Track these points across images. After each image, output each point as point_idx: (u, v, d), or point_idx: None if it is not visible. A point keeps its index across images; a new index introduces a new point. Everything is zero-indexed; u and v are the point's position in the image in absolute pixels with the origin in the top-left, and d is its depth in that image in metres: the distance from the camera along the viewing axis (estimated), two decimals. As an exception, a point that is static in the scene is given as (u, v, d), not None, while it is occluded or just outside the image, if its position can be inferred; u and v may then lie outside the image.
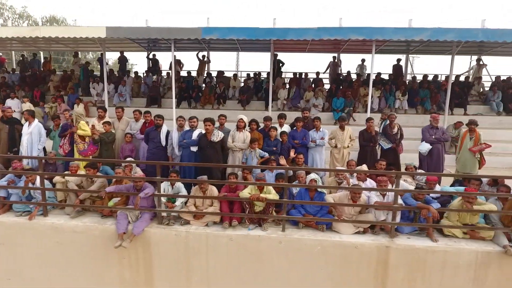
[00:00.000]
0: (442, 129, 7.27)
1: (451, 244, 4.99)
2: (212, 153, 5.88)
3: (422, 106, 12.91)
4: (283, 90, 13.42)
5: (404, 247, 4.97)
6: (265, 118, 7.22)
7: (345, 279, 5.11)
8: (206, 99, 13.54)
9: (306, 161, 7.23)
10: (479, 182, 5.62)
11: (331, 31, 9.72)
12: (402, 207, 5.14)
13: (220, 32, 9.91)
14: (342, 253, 5.05)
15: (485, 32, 9.41)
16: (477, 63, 14.91)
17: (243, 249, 5.18)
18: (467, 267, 4.90)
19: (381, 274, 5.04)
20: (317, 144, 7.11)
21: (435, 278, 4.98)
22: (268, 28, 9.84)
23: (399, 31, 9.54)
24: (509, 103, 12.74)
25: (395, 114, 7.77)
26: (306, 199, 5.53)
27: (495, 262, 4.87)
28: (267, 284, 5.23)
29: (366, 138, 7.43)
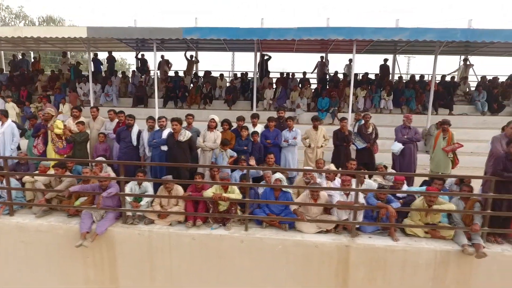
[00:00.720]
0: (414, 129, 7.29)
1: (411, 244, 5.01)
2: (179, 152, 5.90)
3: (407, 106, 12.92)
4: (269, 90, 13.43)
5: (364, 246, 4.99)
6: (238, 118, 7.24)
7: (306, 278, 5.13)
8: (193, 99, 13.56)
9: (278, 160, 7.27)
10: (441, 181, 5.64)
11: (311, 31, 9.76)
12: (363, 206, 5.16)
13: (201, 32, 9.96)
14: (303, 252, 5.08)
15: (464, 32, 9.43)
16: (464, 63, 14.94)
17: (206, 248, 5.21)
18: (427, 266, 4.92)
19: (342, 273, 5.07)
20: (289, 143, 7.13)
21: (395, 277, 5.00)
22: (248, 28, 9.86)
23: (379, 31, 9.57)
24: (494, 103, 12.75)
25: (369, 114, 7.79)
26: (271, 198, 5.56)
27: (454, 261, 4.89)
28: (230, 282, 5.26)
29: (340, 138, 7.46)
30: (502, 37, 9.40)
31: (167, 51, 16.38)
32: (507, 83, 14.04)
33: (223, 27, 9.97)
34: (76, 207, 5.58)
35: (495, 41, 9.48)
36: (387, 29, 9.61)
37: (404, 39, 9.60)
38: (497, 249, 4.90)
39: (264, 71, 14.80)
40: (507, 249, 4.92)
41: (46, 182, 5.94)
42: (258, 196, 5.80)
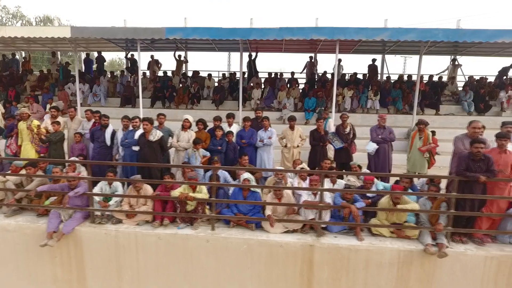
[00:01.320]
0: (389, 129, 7.30)
1: (374, 243, 5.02)
2: (149, 152, 5.91)
3: (394, 106, 12.93)
4: (256, 90, 13.45)
5: (327, 246, 5.01)
6: (214, 118, 7.26)
7: (271, 277, 5.15)
8: (180, 99, 13.57)
9: (254, 160, 7.29)
10: (409, 180, 5.65)
11: (294, 31, 9.75)
12: (327, 206, 5.17)
13: (184, 32, 9.96)
14: (268, 252, 5.09)
15: (446, 32, 9.43)
16: (453, 63, 14.95)
17: (172, 248, 5.22)
18: (390, 266, 4.93)
19: (307, 273, 5.08)
20: (264, 143, 7.15)
21: (359, 276, 5.01)
22: (231, 28, 9.85)
23: (361, 31, 9.56)
24: (481, 103, 12.76)
25: (347, 114, 7.80)
26: (240, 198, 5.57)
27: (417, 261, 4.90)
28: (196, 282, 5.28)
29: (316, 138, 7.48)
30: (483, 37, 9.40)
31: (156, 51, 16.42)
32: (495, 83, 14.06)
33: (206, 27, 9.97)
34: (45, 207, 5.60)
35: (476, 41, 9.49)
36: (368, 29, 9.60)
37: (386, 39, 9.59)
38: (460, 249, 4.91)
39: (253, 71, 14.84)
40: (470, 248, 4.92)
41: (17, 182, 5.96)
42: (227, 196, 5.82)
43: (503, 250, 4.89)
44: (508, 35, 9.22)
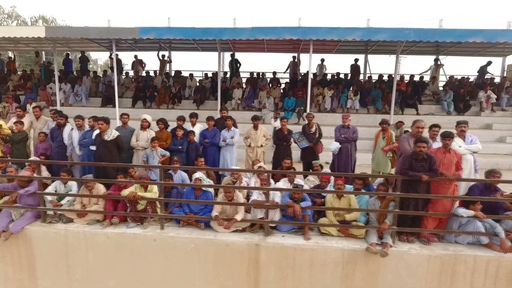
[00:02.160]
0: (353, 129, 7.30)
1: (320, 243, 5.03)
2: (104, 151, 5.93)
3: (374, 106, 12.94)
4: (237, 90, 13.48)
5: (273, 245, 5.01)
6: (177, 117, 7.28)
7: (219, 276, 5.16)
8: (161, 99, 13.59)
9: (217, 160, 7.31)
10: (362, 181, 5.65)
11: (266, 31, 9.79)
12: (273, 205, 5.19)
13: (157, 32, 10.00)
14: (214, 251, 5.10)
15: (416, 32, 9.45)
16: (435, 63, 14.95)
17: (121, 247, 5.23)
18: (335, 265, 4.94)
19: (254, 272, 5.09)
20: (226, 143, 7.16)
21: (304, 275, 5.02)
22: (204, 28, 9.88)
23: (333, 31, 9.59)
24: (460, 103, 12.75)
25: (312, 114, 7.80)
26: (191, 198, 5.58)
27: (361, 260, 4.90)
28: (145, 280, 5.28)
29: (280, 137, 7.50)
30: (454, 37, 9.43)
31: (140, 51, 16.45)
32: (476, 83, 14.06)
33: (179, 27, 10.01)
34: (-3, 206, 5.61)
35: (447, 40, 9.50)
36: (340, 28, 9.62)
37: (357, 39, 9.60)
38: (405, 248, 4.92)
39: (234, 70, 14.87)
40: (414, 248, 4.93)
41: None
42: (181, 195, 5.83)
43: (447, 249, 4.89)
44: (478, 35, 9.25)
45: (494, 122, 11.96)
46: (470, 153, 5.90)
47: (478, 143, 5.95)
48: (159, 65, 15.69)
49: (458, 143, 6.01)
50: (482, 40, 9.33)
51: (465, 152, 5.90)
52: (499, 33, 9.28)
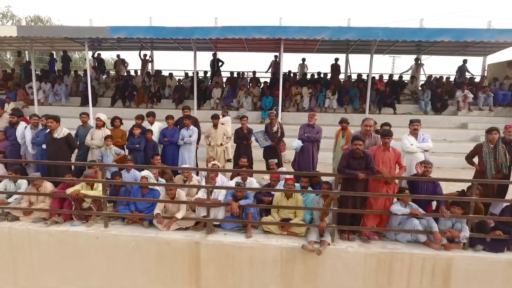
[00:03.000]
0: (317, 129, 7.28)
1: (260, 241, 5.04)
2: (54, 149, 5.95)
3: (352, 105, 12.94)
4: (216, 90, 13.50)
5: (213, 243, 5.03)
6: (136, 116, 7.30)
7: (160, 274, 5.17)
8: (140, 98, 13.60)
9: (176, 158, 7.32)
10: (307, 179, 5.65)
11: (235, 30, 9.79)
12: (214, 203, 5.20)
13: (127, 31, 10.00)
14: (156, 249, 5.12)
15: (385, 31, 9.46)
16: (416, 62, 14.95)
17: (64, 245, 5.25)
18: (274, 263, 4.95)
19: (195, 270, 5.10)
20: (185, 142, 7.18)
21: (244, 274, 5.03)
22: (173, 27, 9.90)
23: (302, 30, 9.60)
24: (438, 102, 12.75)
25: (274, 113, 7.82)
26: (138, 196, 5.59)
27: (300, 258, 4.91)
28: (88, 278, 5.30)
29: (240, 136, 7.51)
30: (422, 36, 9.45)
31: (122, 50, 16.48)
32: (457, 82, 14.05)
33: (149, 27, 10.07)
34: None
35: (416, 40, 9.51)
36: (309, 28, 9.63)
37: (326, 38, 9.60)
38: (342, 246, 4.92)
39: (216, 70, 14.88)
40: (352, 246, 4.94)
41: None
42: (129, 193, 5.84)
43: (385, 247, 4.90)
44: (446, 34, 9.25)
45: (470, 122, 11.97)
46: (421, 151, 5.92)
47: (429, 142, 5.97)
48: (140, 64, 15.74)
49: (410, 141, 6.05)
50: (450, 39, 9.34)
51: (416, 150, 5.93)
52: (466, 32, 9.28)
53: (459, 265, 4.72)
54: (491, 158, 5.50)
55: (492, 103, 12.64)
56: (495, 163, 5.48)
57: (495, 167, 5.48)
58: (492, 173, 5.47)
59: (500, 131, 5.58)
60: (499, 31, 9.19)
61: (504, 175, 5.50)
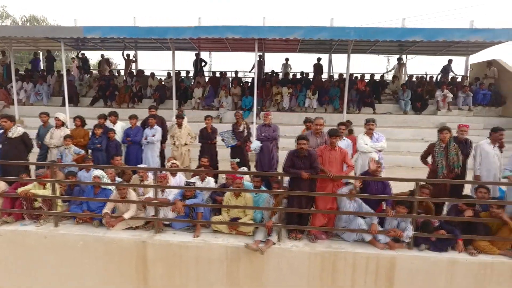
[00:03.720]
0: (273, 127, 7.29)
1: (206, 240, 5.04)
2: (10, 149, 5.96)
3: (332, 105, 12.93)
4: (198, 89, 13.51)
5: (159, 242, 5.03)
6: (98, 116, 7.30)
7: (109, 274, 5.18)
8: (121, 98, 13.62)
9: (140, 157, 7.32)
10: (259, 179, 5.65)
11: (209, 30, 9.80)
12: (164, 203, 5.20)
13: (102, 31, 10.00)
14: (104, 248, 5.12)
15: (357, 31, 9.45)
16: (398, 62, 14.95)
17: (13, 244, 5.26)
18: (220, 262, 4.95)
19: (142, 270, 5.10)
20: (147, 141, 7.18)
21: (191, 273, 5.03)
22: (147, 27, 9.91)
23: (274, 30, 9.61)
24: (418, 102, 12.75)
25: (240, 113, 7.83)
26: (91, 195, 5.60)
27: (245, 257, 4.91)
28: (38, 277, 5.30)
29: (204, 136, 7.52)
30: (395, 36, 9.44)
31: (106, 50, 16.50)
32: (440, 82, 14.05)
33: (123, 26, 10.04)
34: None
35: (387, 39, 9.51)
36: (282, 27, 9.63)
37: (298, 38, 9.60)
38: (287, 246, 4.92)
39: (199, 69, 14.89)
40: (297, 245, 4.93)
41: None
42: (82, 192, 5.85)
43: (330, 246, 4.90)
44: (418, 34, 9.26)
45: (448, 121, 11.92)
46: (375, 151, 5.92)
47: (383, 142, 5.97)
48: (124, 64, 15.75)
49: (365, 141, 6.05)
50: (422, 38, 9.35)
51: (370, 150, 5.93)
52: (437, 31, 9.27)
53: (402, 265, 4.71)
54: (442, 158, 5.49)
55: (471, 102, 12.63)
56: (446, 163, 5.47)
57: (447, 167, 5.47)
58: (443, 172, 5.45)
59: (451, 131, 5.57)
60: (471, 30, 9.19)
61: (456, 175, 5.49)
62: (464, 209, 4.85)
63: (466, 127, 6.03)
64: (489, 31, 9.19)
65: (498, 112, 12.81)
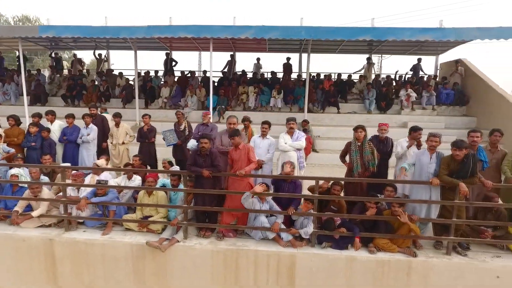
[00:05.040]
0: (211, 127, 7.30)
1: (113, 238, 5.07)
2: None
3: (297, 104, 12.95)
4: (165, 89, 13.55)
5: (66, 240, 5.05)
6: (32, 115, 7.33)
7: (20, 271, 5.20)
8: (88, 97, 13.65)
9: (76, 156, 7.35)
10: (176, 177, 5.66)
11: (162, 29, 9.84)
12: (72, 201, 5.23)
13: (56, 30, 10.04)
14: (14, 246, 5.14)
15: (308, 30, 9.48)
16: (367, 62, 14.96)
17: None
18: (125, 260, 4.97)
19: (51, 267, 5.13)
20: (82, 140, 7.21)
21: (98, 271, 5.06)
22: (101, 27, 9.96)
23: (226, 29, 9.62)
24: (382, 101, 12.76)
25: (180, 111, 7.86)
26: (9, 194, 5.63)
27: (150, 255, 4.93)
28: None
29: (142, 135, 7.54)
30: (344, 35, 9.47)
31: (78, 49, 16.56)
32: (409, 81, 14.07)
33: (77, 26, 10.07)
34: None
35: (338, 38, 9.52)
36: (234, 27, 9.66)
37: (250, 37, 9.61)
38: (191, 243, 4.93)
39: (168, 69, 14.93)
40: (201, 243, 4.94)
41: None
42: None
43: (234, 244, 4.91)
44: (367, 33, 9.27)
45: (410, 120, 11.95)
46: (294, 150, 5.93)
47: (302, 141, 5.97)
48: (96, 63, 15.82)
49: (285, 139, 6.06)
50: (372, 38, 9.37)
51: (288, 148, 5.94)
52: (386, 31, 9.32)
53: (302, 262, 4.72)
54: (357, 156, 5.50)
55: (434, 102, 12.65)
56: (361, 161, 5.49)
57: (362, 165, 5.49)
58: (358, 170, 5.47)
59: (366, 129, 5.58)
60: (420, 30, 9.18)
61: (372, 173, 5.50)
62: (368, 207, 4.86)
63: (385, 125, 6.05)
64: (438, 30, 9.21)
65: (463, 112, 12.84)
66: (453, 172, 4.51)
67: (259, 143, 6.03)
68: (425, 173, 4.73)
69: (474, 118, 12.15)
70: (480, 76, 12.44)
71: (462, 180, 4.44)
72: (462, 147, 4.44)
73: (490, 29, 8.96)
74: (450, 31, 9.07)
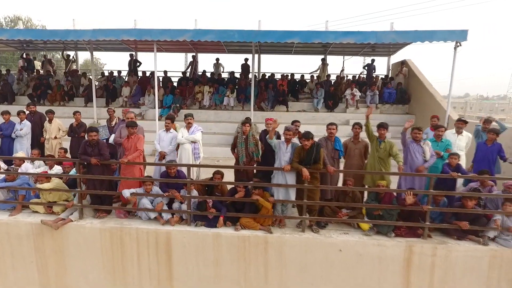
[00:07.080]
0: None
1: (18, 218, 5.74)
2: None
3: (248, 103, 13.60)
4: (126, 88, 14.23)
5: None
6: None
7: None
8: (53, 96, 14.35)
9: (11, 150, 8.04)
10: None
11: (106, 32, 10.45)
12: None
13: (9, 34, 10.83)
14: None
15: (240, 33, 10.12)
16: (322, 62, 15.61)
17: None
18: (28, 238, 5.64)
19: None
20: (16, 135, 7.90)
21: (5, 247, 5.72)
22: (51, 30, 10.64)
23: (165, 32, 10.26)
24: (330, 100, 13.42)
25: (112, 109, 8.54)
26: None
27: (48, 233, 5.60)
28: None
29: (73, 130, 8.23)
30: (275, 38, 10.09)
31: (48, 51, 17.23)
32: (362, 80, 14.75)
33: (29, 29, 10.83)
34: None
35: (268, 41, 10.18)
36: (172, 30, 10.31)
37: (188, 40, 10.29)
38: (83, 223, 5.61)
39: (131, 70, 15.60)
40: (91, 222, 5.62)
41: None
42: None
43: (121, 223, 5.58)
44: (295, 36, 9.93)
45: (353, 118, 12.61)
46: (189, 142, 6.59)
47: (196, 134, 6.62)
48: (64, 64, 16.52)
49: (183, 133, 6.73)
50: (299, 40, 10.02)
51: (184, 141, 6.60)
52: (314, 34, 9.98)
53: (177, 238, 5.40)
54: (242, 147, 6.19)
55: (378, 100, 13.32)
56: (246, 152, 6.18)
57: (247, 155, 6.18)
58: (243, 160, 6.16)
59: (252, 124, 6.26)
60: (343, 33, 9.85)
61: (257, 162, 6.20)
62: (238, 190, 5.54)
63: (271, 120, 6.70)
64: (359, 33, 9.85)
65: (405, 110, 13.51)
66: (302, 159, 5.20)
67: (163, 136, 6.71)
68: (282, 161, 5.42)
69: (414, 116, 12.80)
70: (419, 76, 13.13)
71: (308, 166, 5.13)
72: (309, 137, 5.13)
73: (406, 32, 9.64)
74: (370, 34, 9.72)
